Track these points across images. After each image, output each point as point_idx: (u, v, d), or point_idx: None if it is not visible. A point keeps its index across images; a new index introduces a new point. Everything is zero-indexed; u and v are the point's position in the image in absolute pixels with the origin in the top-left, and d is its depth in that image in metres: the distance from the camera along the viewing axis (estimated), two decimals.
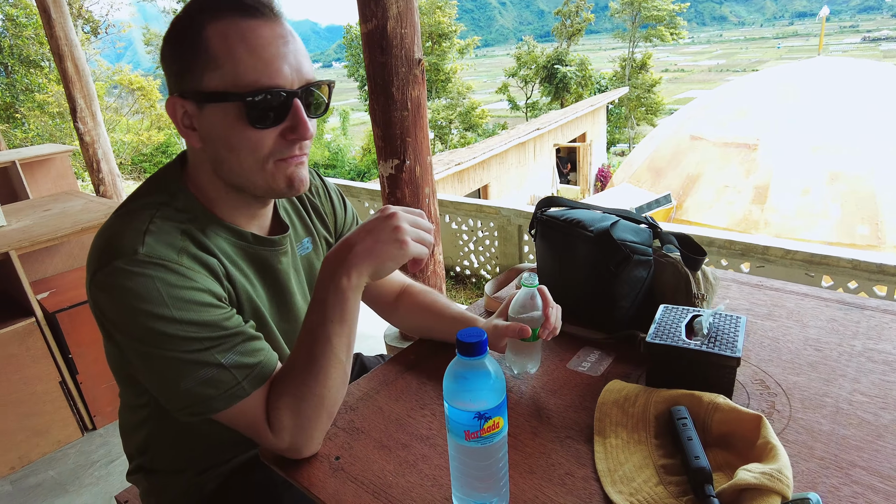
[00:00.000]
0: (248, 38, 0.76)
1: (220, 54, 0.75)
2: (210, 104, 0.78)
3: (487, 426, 0.65)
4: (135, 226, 0.79)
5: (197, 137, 0.81)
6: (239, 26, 0.76)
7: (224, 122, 0.78)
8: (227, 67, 0.75)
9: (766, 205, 8.13)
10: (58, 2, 4.12)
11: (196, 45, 0.76)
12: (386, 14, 1.95)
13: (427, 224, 0.84)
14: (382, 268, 0.81)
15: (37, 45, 16.67)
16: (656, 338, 0.92)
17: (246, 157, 0.80)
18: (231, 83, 0.76)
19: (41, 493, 2.21)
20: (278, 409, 0.80)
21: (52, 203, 2.95)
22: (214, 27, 0.76)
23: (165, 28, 0.85)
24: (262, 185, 0.83)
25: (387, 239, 0.79)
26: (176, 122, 0.81)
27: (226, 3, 0.77)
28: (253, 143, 0.79)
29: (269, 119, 0.78)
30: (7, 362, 2.24)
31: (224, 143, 0.80)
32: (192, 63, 0.77)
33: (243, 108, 0.76)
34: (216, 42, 0.75)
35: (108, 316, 0.78)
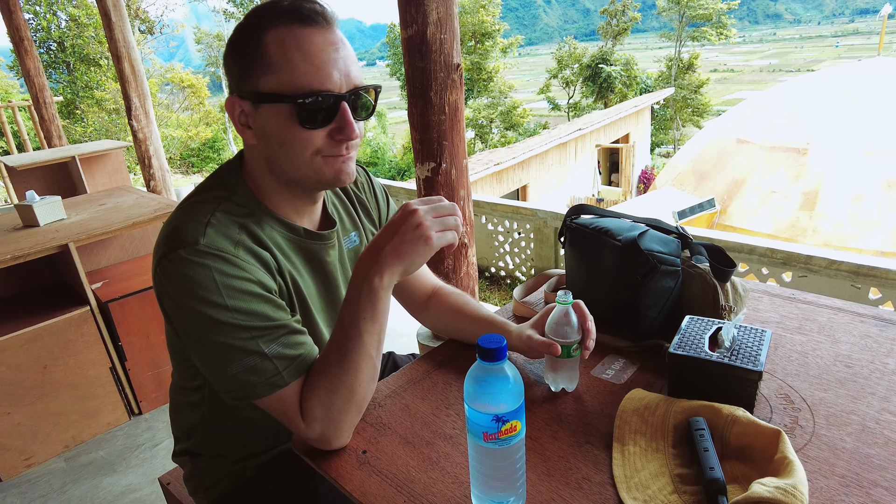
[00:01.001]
0: (302, 45, 0.82)
1: (276, 59, 0.82)
2: (265, 104, 0.84)
3: (505, 429, 0.68)
4: (198, 217, 0.86)
5: (252, 135, 0.88)
6: (295, 34, 0.82)
7: (277, 121, 0.84)
8: (282, 71, 0.82)
9: (814, 211, 7.85)
10: (118, 6, 4.32)
11: (256, 50, 0.83)
12: (426, 20, 1.99)
13: (448, 207, 0.86)
14: (411, 265, 0.85)
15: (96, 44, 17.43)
16: (679, 349, 0.93)
17: (296, 154, 0.86)
18: (285, 86, 0.82)
19: (91, 471, 2.34)
20: (311, 400, 0.85)
21: (107, 198, 3.11)
22: (273, 34, 0.82)
23: (216, 27, 0.92)
24: (311, 176, 0.90)
25: (411, 237, 0.83)
26: (233, 120, 0.88)
27: (284, 12, 0.83)
28: (302, 141, 0.85)
29: (317, 120, 0.84)
30: (65, 347, 2.38)
31: (277, 139, 0.86)
32: (251, 66, 0.84)
33: (295, 110, 0.83)
34: (274, 47, 0.82)
35: (168, 300, 0.85)
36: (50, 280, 2.80)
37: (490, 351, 0.67)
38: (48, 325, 2.34)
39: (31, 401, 2.33)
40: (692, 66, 28.95)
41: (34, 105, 6.19)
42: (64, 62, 17.77)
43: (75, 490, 2.24)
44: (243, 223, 0.89)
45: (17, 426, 2.31)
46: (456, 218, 0.86)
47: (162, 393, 2.72)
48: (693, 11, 30.64)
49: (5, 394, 2.25)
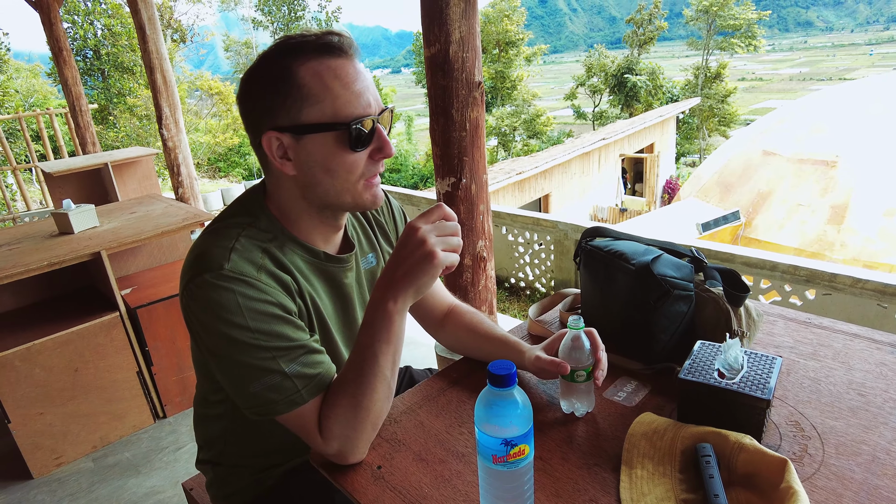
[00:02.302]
0: (340, 76, 0.88)
1: (317, 91, 0.87)
2: (309, 135, 0.89)
3: (513, 452, 0.71)
4: (223, 243, 0.90)
5: (291, 166, 0.92)
6: (329, 66, 0.88)
7: (324, 149, 0.89)
8: (325, 102, 0.87)
9: (843, 225, 7.70)
10: (152, 19, 4.47)
11: (291, 84, 0.87)
12: (449, 39, 2.03)
13: (451, 227, 0.88)
14: (422, 286, 0.88)
15: (130, 52, 17.91)
16: (689, 374, 0.95)
17: (342, 178, 0.92)
18: (330, 115, 0.87)
19: (117, 471, 2.42)
20: (329, 418, 0.89)
21: (137, 206, 3.21)
22: (307, 67, 0.87)
23: (244, 35, 0.97)
24: (351, 201, 0.95)
25: (418, 258, 0.85)
26: (270, 154, 0.91)
27: (313, 46, 0.88)
28: (349, 165, 0.91)
29: (363, 143, 0.90)
30: (95, 350, 2.47)
31: (323, 167, 0.91)
32: (288, 100, 0.88)
33: (346, 136, 0.88)
34: (311, 80, 0.87)
35: (195, 320, 0.90)
36: (81, 285, 2.91)
37: (500, 377, 0.69)
38: (80, 329, 2.43)
39: (62, 402, 2.42)
40: (720, 75, 28.60)
41: (70, 112, 6.40)
42: (99, 70, 18.30)
43: (102, 490, 2.32)
44: (266, 248, 0.94)
45: (49, 426, 2.40)
46: (459, 239, 0.89)
47: (186, 397, 2.80)
48: (722, 21, 30.34)
49: (39, 395, 2.34)
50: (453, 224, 0.88)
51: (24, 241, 2.66)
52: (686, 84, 30.34)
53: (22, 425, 2.32)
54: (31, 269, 2.27)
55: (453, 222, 0.88)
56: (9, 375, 2.27)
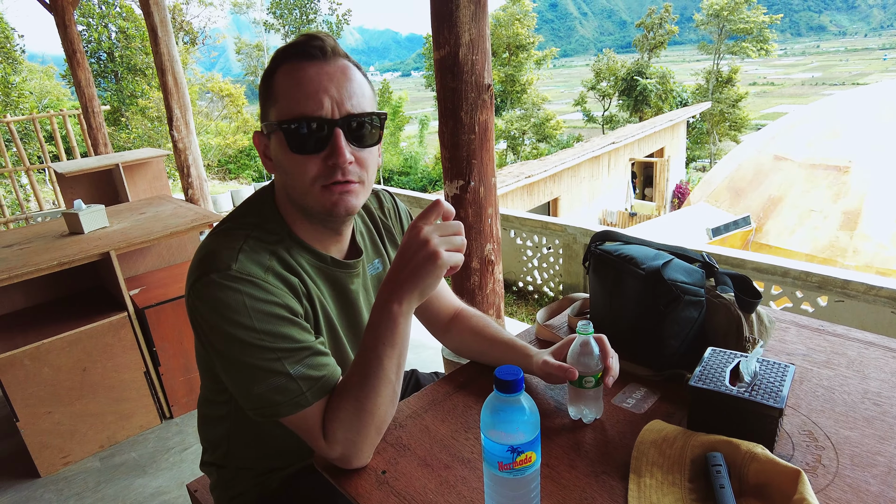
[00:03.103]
0: (297, 77, 0.88)
1: (278, 90, 0.89)
2: (272, 134, 0.91)
3: (520, 459, 0.70)
4: (231, 244, 0.90)
5: (272, 165, 0.95)
6: (295, 67, 0.89)
7: (278, 149, 0.91)
8: (280, 101, 0.89)
9: (856, 231, 7.61)
10: (164, 22, 4.50)
11: (269, 85, 0.91)
12: (458, 41, 2.02)
13: (454, 226, 0.86)
14: (426, 287, 0.86)
15: (142, 54, 18.08)
16: (699, 381, 0.93)
17: (297, 180, 0.91)
18: (281, 114, 0.88)
19: (124, 471, 2.42)
20: (332, 421, 0.88)
21: (147, 206, 3.22)
22: (281, 69, 0.90)
23: (256, 38, 0.99)
24: (314, 206, 0.93)
25: (421, 259, 0.84)
26: (259, 153, 0.95)
27: (293, 50, 0.90)
28: (299, 167, 0.90)
29: (308, 146, 0.89)
30: (103, 350, 2.48)
31: (281, 167, 0.92)
32: (266, 100, 0.91)
33: (283, 136, 0.89)
34: (279, 81, 0.89)
35: (201, 320, 0.89)
36: (91, 285, 2.92)
37: (507, 382, 0.68)
38: (88, 329, 2.44)
39: (70, 401, 2.42)
40: (731, 79, 28.44)
41: (83, 114, 6.46)
42: (112, 72, 18.48)
43: (108, 489, 2.32)
44: (274, 249, 0.94)
45: (57, 425, 2.41)
46: (462, 238, 0.87)
47: (192, 398, 2.80)
48: (733, 25, 30.19)
49: (48, 394, 2.35)
50: (456, 223, 0.87)
51: (35, 240, 2.68)
52: (697, 88, 30.20)
53: (30, 424, 2.33)
54: (41, 269, 2.28)
55: (456, 221, 0.87)
56: (18, 374, 2.28)
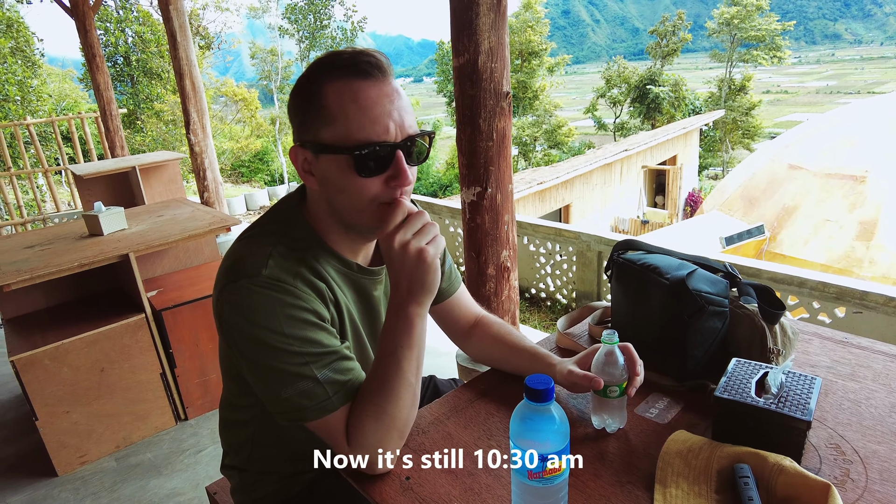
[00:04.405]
0: (358, 98, 0.86)
1: (334, 111, 0.86)
2: (325, 154, 0.89)
3: (550, 468, 0.70)
4: (260, 250, 0.91)
5: (314, 181, 0.93)
6: (351, 86, 0.86)
7: (336, 171, 0.89)
8: (339, 123, 0.86)
9: (872, 242, 7.52)
10: (183, 27, 4.56)
11: (315, 102, 0.88)
12: (478, 49, 2.03)
13: (421, 218, 0.89)
14: (430, 285, 0.89)
15: (158, 58, 18.29)
16: (725, 392, 0.93)
17: (354, 201, 0.91)
18: (342, 137, 0.86)
19: (139, 472, 2.44)
20: (355, 427, 0.89)
21: (164, 209, 3.26)
22: (331, 86, 0.87)
23: (270, 42, 0.97)
24: (364, 223, 0.94)
25: (410, 266, 0.87)
26: (297, 167, 0.93)
27: (342, 65, 0.87)
28: (359, 188, 0.89)
29: (373, 169, 0.88)
30: (121, 351, 2.50)
31: (335, 187, 0.91)
32: (312, 117, 0.89)
33: (352, 161, 0.87)
34: (332, 100, 0.87)
35: (229, 325, 0.90)
36: (108, 287, 2.95)
37: (538, 392, 0.68)
38: (106, 329, 2.46)
39: (88, 401, 2.45)
40: (744, 87, 28.28)
41: (101, 117, 6.54)
42: (128, 75, 18.71)
43: (124, 490, 2.34)
44: (302, 256, 0.94)
45: (75, 425, 2.43)
46: (432, 225, 0.89)
47: (207, 400, 2.82)
48: (745, 33, 30.04)
49: (66, 393, 2.38)
50: (418, 214, 0.90)
51: (56, 241, 2.72)
52: (709, 96, 30.05)
53: (49, 423, 2.36)
54: (62, 270, 2.31)
55: (417, 212, 0.90)
56: (38, 373, 2.31)
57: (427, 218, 0.90)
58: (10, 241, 2.81)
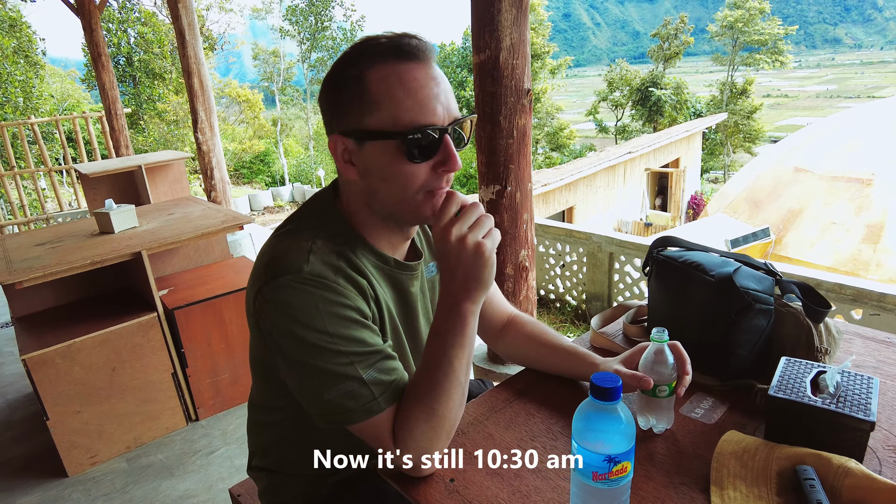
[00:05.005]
0: (405, 81, 0.82)
1: (380, 96, 0.83)
2: (370, 141, 0.85)
3: (616, 469, 0.67)
4: (299, 245, 0.87)
5: (355, 171, 0.89)
6: (396, 69, 0.83)
7: (383, 158, 0.85)
8: (386, 108, 0.82)
9: (879, 245, 7.50)
10: (192, 25, 4.53)
11: (358, 88, 0.84)
12: (499, 45, 2.01)
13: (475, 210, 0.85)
14: (486, 281, 0.85)
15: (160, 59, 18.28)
16: (779, 392, 0.90)
17: (399, 189, 0.87)
18: (390, 123, 0.82)
19: (151, 473, 2.40)
20: (403, 428, 0.86)
21: (174, 207, 3.23)
22: (375, 71, 0.83)
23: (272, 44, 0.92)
24: (410, 213, 0.90)
25: (467, 259, 0.82)
26: (336, 157, 0.89)
27: (384, 50, 0.84)
28: (407, 176, 0.85)
29: (423, 154, 0.84)
30: (132, 351, 2.47)
31: (381, 175, 0.86)
32: (354, 104, 0.84)
33: (402, 146, 0.83)
34: (376, 85, 0.83)
35: (270, 325, 0.85)
36: (119, 286, 2.92)
37: (606, 390, 0.66)
38: (118, 328, 2.43)
39: (99, 401, 2.42)
40: (746, 91, 28.29)
41: (106, 116, 6.52)
42: (131, 76, 18.71)
43: (136, 491, 2.30)
44: (341, 251, 0.90)
45: (86, 424, 2.40)
46: (488, 217, 0.86)
47: (219, 401, 2.78)
48: (747, 37, 30.07)
49: (77, 393, 2.35)
50: (475, 206, 0.86)
51: (66, 239, 2.69)
52: (711, 99, 30.07)
53: (59, 423, 2.33)
54: (75, 267, 2.28)
55: (473, 204, 0.86)
56: (49, 372, 2.27)
57: (482, 209, 0.86)
58: (19, 239, 2.78)
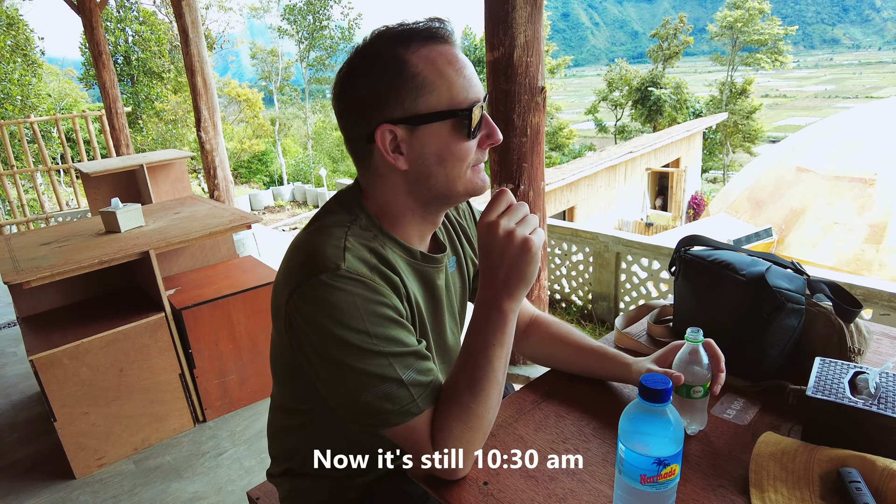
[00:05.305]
0: (452, 62, 0.84)
1: (432, 78, 0.83)
2: (424, 125, 0.84)
3: (665, 472, 0.65)
4: (333, 242, 0.85)
5: (404, 160, 0.87)
6: (441, 51, 0.84)
7: (438, 139, 0.85)
8: (440, 89, 0.83)
9: (881, 245, 7.50)
10: (195, 24, 4.51)
11: (403, 74, 0.83)
12: (513, 43, 1.99)
13: (523, 208, 0.86)
14: (529, 278, 0.84)
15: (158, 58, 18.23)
16: (818, 393, 0.88)
17: (454, 168, 0.87)
18: (446, 102, 0.83)
19: (159, 475, 2.38)
20: (442, 430, 0.84)
21: (180, 206, 3.21)
22: (419, 55, 0.83)
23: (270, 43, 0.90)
24: (461, 190, 0.90)
25: (513, 253, 0.82)
26: (383, 149, 0.86)
27: (423, 34, 0.84)
28: (463, 153, 0.86)
29: (475, 129, 0.86)
30: (140, 352, 2.45)
31: (437, 158, 0.86)
32: (403, 90, 0.83)
33: (458, 124, 0.85)
34: (425, 67, 0.83)
35: (305, 325, 0.83)
36: (125, 285, 2.90)
37: (656, 392, 0.64)
38: (126, 329, 2.41)
39: (106, 402, 2.39)
40: (745, 91, 28.31)
41: (107, 115, 6.49)
42: (129, 75, 18.66)
43: (144, 493, 2.28)
44: (372, 247, 0.89)
45: (93, 426, 2.38)
46: (534, 216, 0.86)
47: (226, 402, 2.76)
48: (747, 37, 30.09)
49: (85, 394, 2.32)
50: (523, 204, 0.86)
51: (72, 238, 2.66)
52: (710, 99, 30.09)
53: (67, 424, 2.30)
54: (83, 267, 2.26)
55: (521, 203, 0.86)
56: (56, 373, 2.25)
57: (528, 209, 0.86)
58: (25, 238, 2.75)
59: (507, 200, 0.84)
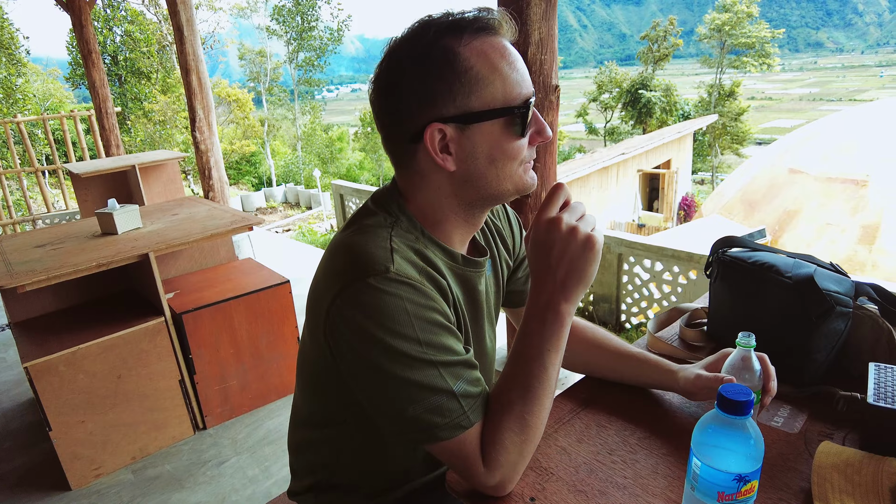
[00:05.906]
0: (505, 55, 0.78)
1: (485, 73, 0.76)
2: (477, 123, 0.78)
3: (745, 489, 0.61)
4: (380, 243, 0.79)
5: (452, 161, 0.81)
6: (493, 44, 0.78)
7: (491, 137, 0.79)
8: (494, 84, 0.77)
9: (874, 246, 7.56)
10: (190, 22, 4.43)
11: (454, 69, 0.76)
12: (528, 40, 1.94)
13: (582, 206, 0.81)
14: (590, 277, 0.79)
15: (147, 58, 18.03)
16: (880, 400, 0.84)
17: (505, 167, 0.81)
18: (501, 99, 0.77)
19: (159, 485, 2.31)
20: (495, 443, 0.78)
21: (178, 208, 3.13)
22: (471, 48, 0.76)
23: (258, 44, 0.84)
24: (511, 188, 0.84)
25: (576, 250, 0.77)
26: (432, 149, 0.80)
27: (474, 25, 0.77)
28: (515, 151, 0.81)
29: (527, 126, 0.81)
30: (138, 357, 2.37)
31: (488, 157, 0.80)
32: (454, 86, 0.77)
33: (511, 121, 0.79)
34: (478, 61, 0.76)
35: (349, 332, 0.76)
36: (121, 288, 2.82)
37: (739, 404, 0.59)
38: (124, 334, 2.33)
39: (104, 410, 2.32)
40: (734, 93, 28.55)
41: (97, 115, 6.36)
42: (116, 75, 18.43)
43: None
44: (417, 248, 0.83)
45: (90, 435, 2.30)
46: (592, 216, 0.81)
47: (227, 409, 2.69)
48: (735, 40, 30.35)
49: (82, 402, 2.25)
50: (580, 203, 0.82)
51: (67, 240, 2.58)
52: (699, 101, 30.31)
53: (63, 433, 2.23)
54: (80, 270, 2.18)
55: (578, 201, 0.82)
56: (52, 381, 2.17)
57: (585, 206, 0.81)
58: (17, 240, 2.67)
59: (566, 195, 0.79)
